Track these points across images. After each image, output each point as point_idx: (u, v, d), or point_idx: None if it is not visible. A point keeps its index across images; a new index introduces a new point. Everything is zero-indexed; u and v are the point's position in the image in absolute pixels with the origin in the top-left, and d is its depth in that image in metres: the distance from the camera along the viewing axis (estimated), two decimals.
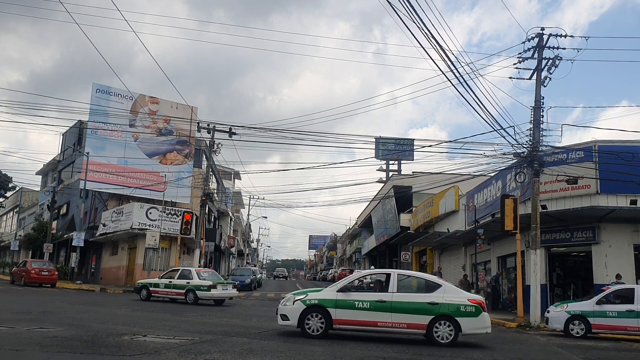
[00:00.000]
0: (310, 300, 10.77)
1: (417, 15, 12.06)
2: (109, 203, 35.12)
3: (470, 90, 17.42)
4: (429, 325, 10.49)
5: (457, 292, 11.18)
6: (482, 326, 10.71)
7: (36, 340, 8.49)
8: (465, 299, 10.83)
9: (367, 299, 10.66)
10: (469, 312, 10.58)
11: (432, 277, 11.93)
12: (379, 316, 10.53)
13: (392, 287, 10.80)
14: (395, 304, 10.56)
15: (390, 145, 58.49)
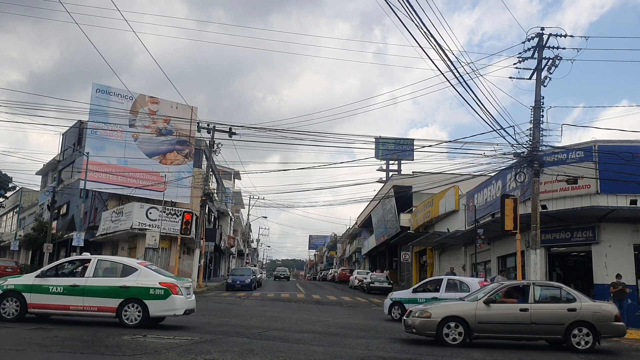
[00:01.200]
0: (7, 286, 11.15)
1: (417, 15, 12.06)
2: (109, 203, 35.13)
3: (470, 90, 17.44)
4: (118, 308, 10.75)
5: (151, 275, 11.23)
6: (170, 308, 10.93)
7: (36, 340, 8.49)
8: (156, 282, 10.99)
9: (61, 284, 11.01)
10: (157, 294, 10.81)
11: (131, 261, 12.03)
12: (71, 300, 10.88)
13: (89, 272, 11.18)
14: (87, 288, 10.90)
15: (390, 145, 58.48)
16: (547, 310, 10.86)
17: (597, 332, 10.62)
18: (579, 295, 11.12)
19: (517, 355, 10.03)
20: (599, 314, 10.75)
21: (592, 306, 10.89)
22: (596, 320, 10.65)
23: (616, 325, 10.77)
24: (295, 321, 14.52)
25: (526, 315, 10.73)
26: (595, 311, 10.77)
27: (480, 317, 10.74)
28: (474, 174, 24.87)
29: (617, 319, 10.80)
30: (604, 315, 10.73)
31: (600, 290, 18.08)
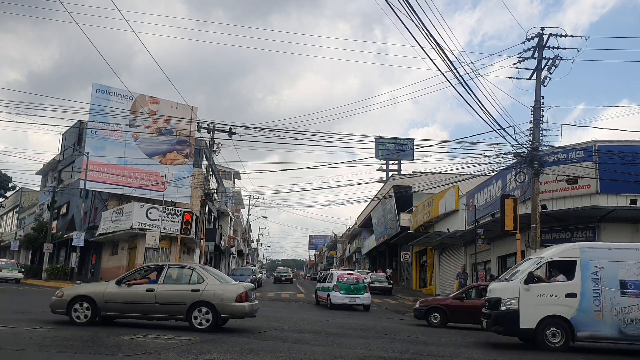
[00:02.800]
0: None
1: (417, 15, 12.06)
2: (109, 203, 35.13)
3: (470, 90, 17.45)
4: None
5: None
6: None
7: (36, 340, 8.49)
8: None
9: None
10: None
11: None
12: None
13: None
14: None
15: (390, 145, 58.49)
16: (171, 291, 11.02)
17: (217, 311, 10.79)
18: (209, 277, 11.24)
19: (518, 355, 10.03)
20: (220, 294, 10.89)
21: (216, 287, 11.02)
22: (216, 300, 10.82)
23: (236, 305, 10.91)
24: (295, 321, 14.53)
25: (151, 295, 10.94)
26: (217, 292, 10.92)
27: (107, 297, 11.00)
28: (474, 174, 24.89)
29: (240, 299, 10.94)
30: (224, 295, 10.90)
31: None
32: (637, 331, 10.41)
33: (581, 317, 10.46)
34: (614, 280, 10.57)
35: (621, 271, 10.63)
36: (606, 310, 10.43)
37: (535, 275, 11.05)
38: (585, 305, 10.47)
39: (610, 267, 10.66)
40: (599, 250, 11.13)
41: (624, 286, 10.53)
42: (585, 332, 10.48)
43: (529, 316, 10.56)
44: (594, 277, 10.60)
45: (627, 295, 10.48)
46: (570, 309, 10.48)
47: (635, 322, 10.39)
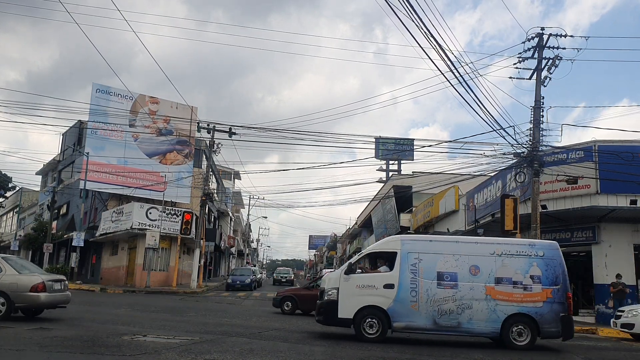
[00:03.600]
0: None
1: (417, 15, 12.06)
2: (109, 203, 35.12)
3: (470, 90, 17.47)
4: None
5: None
6: None
7: (36, 340, 8.49)
8: None
9: None
10: None
11: None
12: None
13: None
14: None
15: (390, 145, 58.47)
16: None
17: (12, 301, 11.08)
18: (7, 267, 11.49)
19: (518, 355, 10.03)
20: (15, 284, 11.17)
21: (12, 277, 11.28)
22: (11, 290, 11.12)
23: (30, 295, 11.15)
24: (295, 321, 14.53)
25: None
26: (12, 282, 11.19)
27: None
28: (474, 174, 24.88)
29: (35, 289, 11.16)
30: (19, 285, 11.17)
31: (600, 290, 18.11)
32: (450, 322, 10.53)
33: (398, 307, 10.56)
34: (431, 271, 10.72)
35: (439, 263, 10.79)
36: (422, 301, 10.57)
37: (361, 266, 11.22)
38: (402, 296, 10.59)
39: (429, 259, 10.82)
40: (420, 243, 11.32)
41: (440, 278, 10.69)
42: (401, 323, 10.59)
43: (347, 306, 10.65)
44: (413, 269, 10.73)
45: (442, 286, 10.63)
46: (388, 299, 10.58)
47: (449, 313, 10.53)
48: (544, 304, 10.56)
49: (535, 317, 10.51)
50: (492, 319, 10.49)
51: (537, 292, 10.62)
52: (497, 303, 10.53)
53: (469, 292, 10.55)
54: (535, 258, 10.90)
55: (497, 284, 10.61)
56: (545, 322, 10.50)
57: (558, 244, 11.56)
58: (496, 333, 10.56)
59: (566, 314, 10.61)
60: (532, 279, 10.68)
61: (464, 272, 10.68)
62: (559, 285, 10.71)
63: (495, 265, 10.74)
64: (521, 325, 10.53)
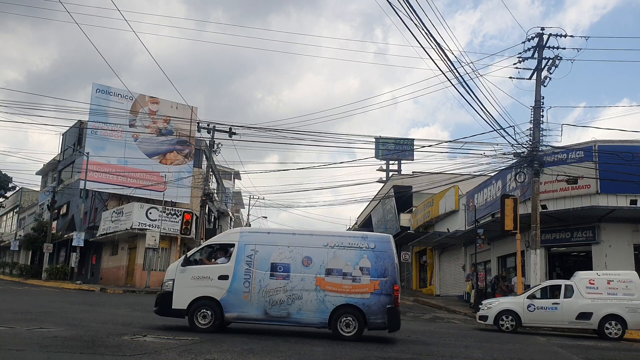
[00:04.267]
0: None
1: (417, 15, 12.07)
2: (109, 203, 35.12)
3: (470, 90, 17.47)
4: None
5: None
6: None
7: (36, 340, 8.49)
8: None
9: None
10: None
11: None
12: None
13: None
14: None
15: (390, 145, 58.42)
16: None
17: None
18: None
19: (518, 355, 10.03)
20: None
21: None
22: None
23: None
24: None
25: None
26: None
27: None
28: (474, 174, 24.89)
29: None
30: None
31: None
32: (280, 312, 10.60)
33: (231, 298, 10.65)
34: (266, 263, 10.81)
35: (274, 254, 10.87)
36: (254, 292, 10.65)
37: (201, 258, 11.32)
38: (235, 286, 10.68)
39: (265, 250, 10.91)
40: (258, 235, 11.51)
41: (274, 269, 10.78)
42: (233, 313, 10.68)
43: (182, 297, 10.72)
44: (248, 260, 10.82)
45: (275, 277, 10.72)
46: (221, 290, 10.67)
47: (280, 304, 10.61)
48: (372, 295, 10.60)
49: (362, 309, 10.54)
50: (321, 310, 10.58)
51: (365, 283, 10.65)
52: (326, 294, 10.61)
53: (299, 283, 10.65)
54: (366, 250, 10.91)
55: (327, 275, 10.71)
56: (372, 314, 10.54)
57: (391, 237, 11.61)
58: (324, 324, 10.64)
59: (393, 305, 10.63)
60: (361, 270, 10.73)
61: (297, 264, 10.78)
62: (387, 277, 10.72)
63: (327, 257, 10.83)
64: (349, 316, 10.56)
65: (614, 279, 14.87)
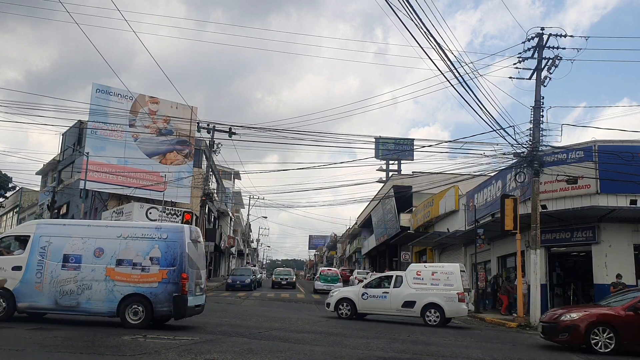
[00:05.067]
0: None
1: (416, 15, 12.07)
2: (109, 203, 35.12)
3: (470, 90, 17.47)
4: None
5: None
6: None
7: (36, 340, 8.50)
8: None
9: None
10: None
11: None
12: None
13: None
14: None
15: (390, 145, 58.45)
16: None
17: None
18: None
19: (517, 355, 10.04)
20: None
21: None
22: None
23: None
24: (295, 321, 14.52)
25: None
26: None
27: None
28: (474, 174, 24.88)
29: None
30: None
31: (601, 290, 18.08)
32: (70, 302, 10.92)
33: (23, 288, 11.00)
34: (59, 254, 11.14)
35: (67, 246, 11.19)
36: (46, 282, 10.99)
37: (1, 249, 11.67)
38: (28, 277, 11.05)
39: (59, 241, 11.24)
40: (53, 226, 11.89)
41: (66, 260, 11.12)
42: (24, 303, 11.02)
43: None
44: (42, 251, 11.17)
45: (67, 268, 11.06)
46: (15, 281, 11.04)
47: (70, 294, 10.93)
48: (159, 284, 10.87)
49: (149, 297, 10.81)
50: (110, 299, 10.85)
51: (154, 273, 10.94)
52: (115, 284, 10.89)
53: (90, 274, 10.97)
54: (158, 241, 11.17)
55: (117, 266, 11.01)
56: (158, 302, 10.80)
57: (186, 228, 11.83)
58: (113, 313, 10.89)
59: (179, 293, 10.86)
60: (151, 260, 11.04)
61: (89, 255, 11.10)
62: (175, 267, 10.97)
63: (119, 248, 11.12)
64: (137, 305, 10.81)
65: (437, 271, 16.25)
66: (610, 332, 10.31)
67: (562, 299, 20.89)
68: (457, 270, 16.01)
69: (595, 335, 10.34)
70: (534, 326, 16.16)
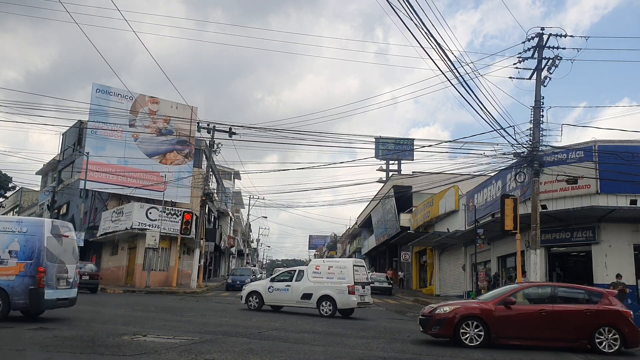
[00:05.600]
0: None
1: (417, 15, 12.07)
2: (109, 203, 35.12)
3: (471, 90, 17.48)
4: None
5: None
6: None
7: (36, 340, 8.50)
8: None
9: None
10: None
11: None
12: None
13: None
14: None
15: (390, 145, 58.49)
16: None
17: None
18: None
19: (518, 355, 10.03)
20: None
21: None
22: None
23: None
24: (295, 321, 14.52)
25: None
26: None
27: None
28: (474, 174, 24.89)
29: None
30: None
31: None
32: None
33: None
34: None
35: None
36: None
37: None
38: None
39: None
40: None
41: None
42: None
43: None
44: None
45: None
46: None
47: None
48: (17, 277, 10.98)
49: (7, 290, 10.89)
50: None
51: (12, 266, 11.03)
52: None
53: None
54: (18, 234, 11.28)
55: None
56: (15, 295, 10.91)
57: (47, 222, 12.00)
58: None
59: (36, 287, 10.98)
60: (10, 253, 11.14)
61: None
62: (32, 260, 11.09)
63: None
64: None
65: (333, 265, 17.45)
66: (480, 325, 10.48)
67: None
68: (350, 265, 17.09)
69: (465, 329, 10.51)
70: None
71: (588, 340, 10.52)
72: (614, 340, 10.47)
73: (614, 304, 10.91)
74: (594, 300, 10.97)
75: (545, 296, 11.22)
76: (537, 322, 10.63)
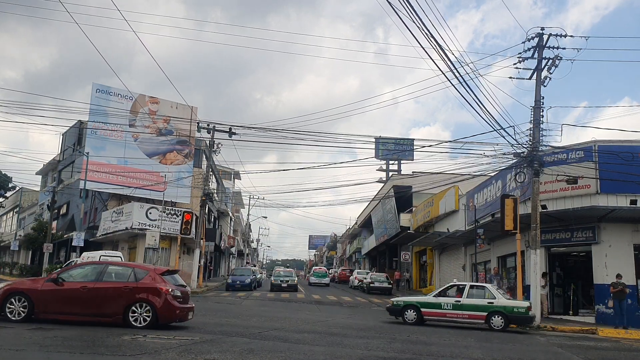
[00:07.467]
0: None
1: (417, 15, 12.06)
2: (109, 203, 35.13)
3: (471, 90, 17.47)
4: None
5: None
6: None
7: (36, 340, 8.49)
8: None
9: None
10: None
11: None
12: None
13: None
14: None
15: (390, 145, 58.50)
16: None
17: None
18: None
19: (517, 355, 10.04)
20: None
21: None
22: None
23: None
24: (295, 321, 14.52)
25: None
26: None
27: None
28: (474, 174, 24.87)
29: None
30: None
31: (600, 290, 18.10)
32: None
33: None
34: None
35: None
36: None
37: None
38: None
39: None
40: None
41: None
42: None
43: None
44: None
45: None
46: None
47: None
48: None
49: None
50: None
51: None
52: None
53: None
54: None
55: None
56: None
57: None
58: None
59: None
60: None
61: None
62: None
63: None
64: None
65: None
66: (25, 301, 10.92)
67: (562, 299, 20.91)
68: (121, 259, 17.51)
69: (11, 304, 10.91)
70: (534, 326, 16.16)
71: (122, 316, 10.77)
72: (147, 315, 10.73)
73: (156, 281, 11.11)
74: (139, 278, 11.20)
75: (96, 274, 11.42)
76: (81, 298, 10.94)
